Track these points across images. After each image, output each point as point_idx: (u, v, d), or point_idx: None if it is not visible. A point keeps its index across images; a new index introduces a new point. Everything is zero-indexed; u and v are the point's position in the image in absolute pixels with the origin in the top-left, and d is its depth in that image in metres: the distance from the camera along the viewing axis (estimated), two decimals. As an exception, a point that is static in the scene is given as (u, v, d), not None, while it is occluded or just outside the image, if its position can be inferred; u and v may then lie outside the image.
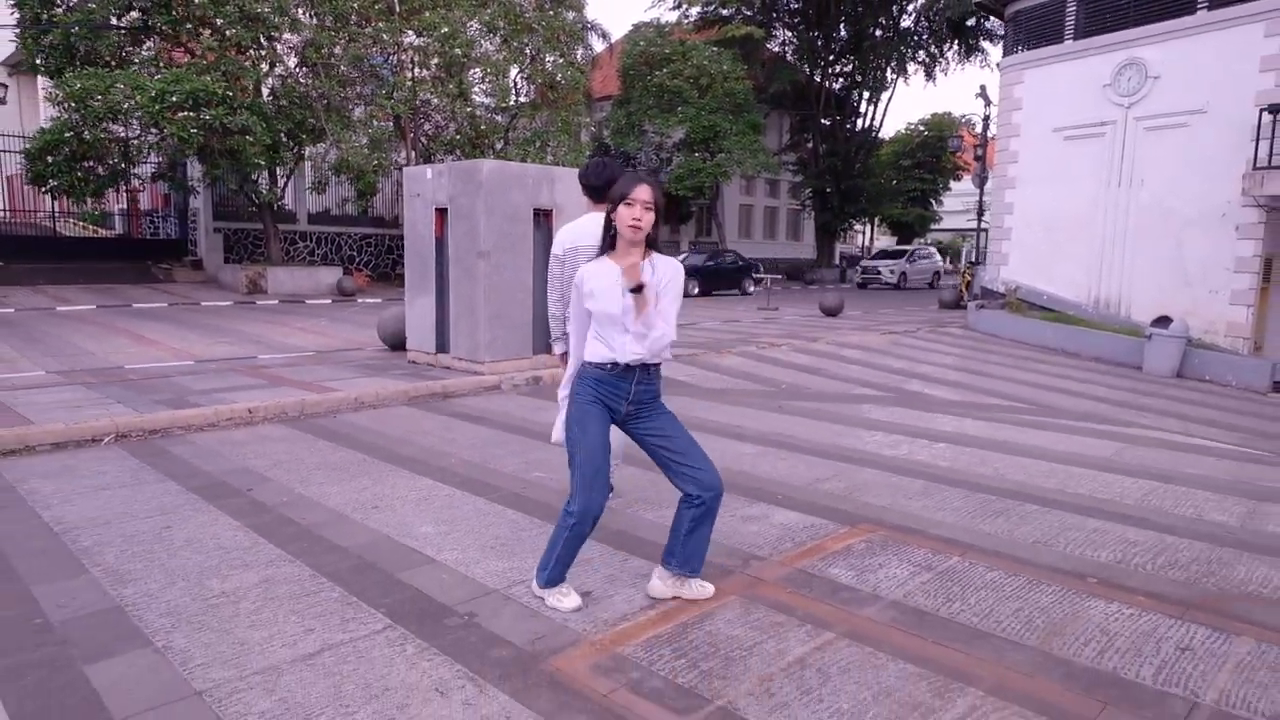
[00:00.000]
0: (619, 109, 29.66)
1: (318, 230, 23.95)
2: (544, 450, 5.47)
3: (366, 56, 19.02)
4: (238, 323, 12.86)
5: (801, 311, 18.28)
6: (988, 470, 5.21)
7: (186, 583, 3.21)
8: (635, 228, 2.82)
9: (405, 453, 5.34)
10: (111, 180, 17.12)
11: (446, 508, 4.20)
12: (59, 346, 9.77)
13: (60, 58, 16.43)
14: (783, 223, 41.99)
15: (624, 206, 2.83)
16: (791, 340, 11.88)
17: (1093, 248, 13.91)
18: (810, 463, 5.28)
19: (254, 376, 7.69)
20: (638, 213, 2.81)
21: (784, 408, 7.19)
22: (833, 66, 36.02)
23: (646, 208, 2.83)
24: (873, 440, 6.01)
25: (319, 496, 4.36)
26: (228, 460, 5.07)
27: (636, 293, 2.81)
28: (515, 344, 8.00)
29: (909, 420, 6.86)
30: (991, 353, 12.20)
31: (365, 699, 2.40)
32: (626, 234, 2.85)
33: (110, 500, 4.22)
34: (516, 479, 4.77)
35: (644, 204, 2.82)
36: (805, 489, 4.68)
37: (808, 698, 2.47)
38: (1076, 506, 4.48)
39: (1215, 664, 2.74)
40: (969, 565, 3.55)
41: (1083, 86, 13.82)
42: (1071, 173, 14.08)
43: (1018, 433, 6.47)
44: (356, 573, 3.34)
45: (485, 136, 20.74)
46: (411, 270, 8.63)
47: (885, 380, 9.13)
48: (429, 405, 6.94)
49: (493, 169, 7.63)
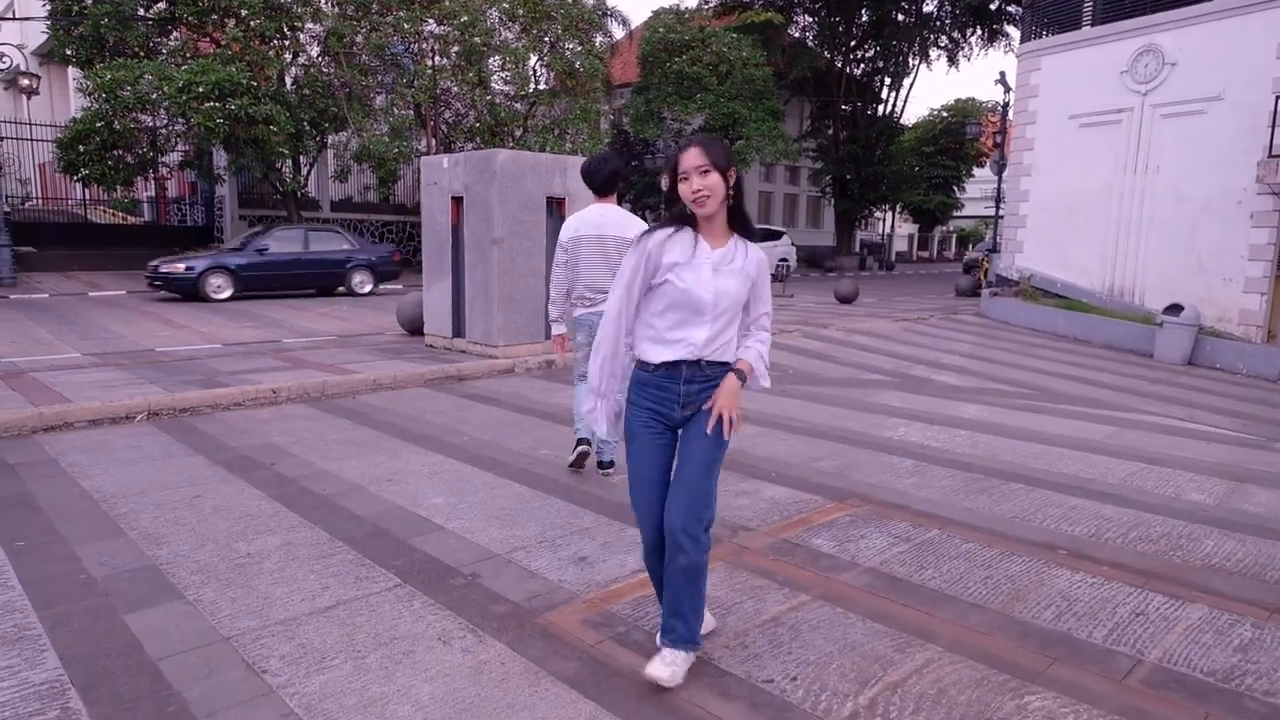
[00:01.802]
0: (638, 96, 29.74)
1: (340, 217, 24.33)
2: (552, 429, 5.72)
3: (388, 45, 19.30)
4: (263, 309, 13.22)
5: (817, 298, 18.38)
6: (979, 451, 5.39)
7: (215, 545, 3.49)
8: (700, 200, 2.38)
9: (420, 431, 5.60)
10: (140, 168, 17.57)
11: (457, 481, 4.46)
12: (93, 330, 10.15)
13: (90, 48, 16.87)
14: (802, 210, 41.92)
15: (680, 183, 2.40)
16: (803, 326, 12.03)
17: (1107, 235, 13.90)
18: (808, 443, 5.48)
19: (278, 359, 8.00)
20: (695, 184, 2.37)
21: (788, 392, 7.38)
22: (854, 52, 35.82)
23: (703, 172, 2.36)
24: (870, 422, 6.19)
25: (338, 470, 4.63)
26: (253, 436, 5.36)
27: None
28: (528, 328, 8.24)
29: (910, 404, 7.02)
30: (1002, 340, 12.28)
31: (374, 645, 2.66)
32: (697, 210, 2.41)
33: (144, 472, 4.52)
34: (524, 456, 5.02)
35: (699, 169, 2.36)
36: (799, 467, 4.89)
37: (778, 650, 2.69)
38: (1059, 485, 4.65)
39: (1166, 627, 2.93)
40: (946, 538, 3.75)
41: (1100, 73, 13.78)
42: (1087, 160, 14.06)
43: (1015, 416, 6.62)
44: (371, 538, 3.60)
45: (505, 124, 20.96)
46: (429, 257, 8.90)
47: (893, 366, 9.28)
48: (444, 387, 7.21)
49: (507, 158, 7.85)
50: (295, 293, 15.31)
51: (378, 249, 16.69)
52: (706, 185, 2.37)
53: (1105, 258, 13.94)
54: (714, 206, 2.40)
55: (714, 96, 28.04)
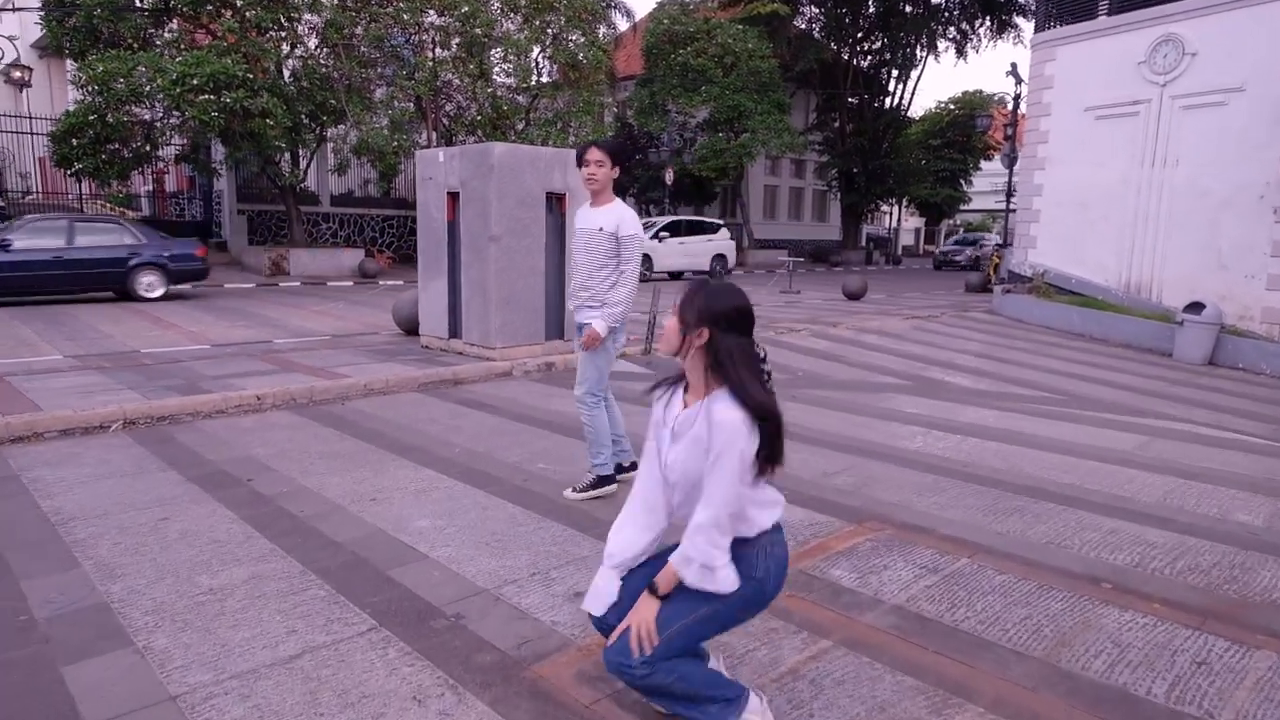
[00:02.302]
0: (642, 89, 29.36)
1: (340, 212, 24.04)
2: (550, 439, 5.40)
3: (387, 37, 18.94)
4: (257, 306, 12.93)
5: (824, 295, 18.03)
6: (1003, 464, 5.06)
7: (175, 579, 3.18)
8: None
9: (410, 441, 5.29)
10: (136, 163, 17.25)
11: (445, 500, 4.14)
12: (80, 330, 9.86)
13: (83, 40, 16.55)
14: (808, 204, 41.51)
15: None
16: (811, 325, 11.70)
17: (1124, 230, 13.51)
18: (821, 455, 5.16)
19: (267, 362, 7.69)
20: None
21: (798, 397, 7.05)
22: (861, 44, 35.37)
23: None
24: (887, 431, 5.86)
25: (319, 487, 4.32)
26: (232, 448, 5.05)
27: None
28: (527, 329, 7.92)
29: (927, 410, 6.70)
30: (1016, 339, 11.93)
31: (340, 707, 2.34)
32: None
33: (111, 490, 4.21)
34: (519, 470, 4.71)
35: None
36: (813, 483, 4.57)
37: (800, 711, 2.38)
38: (1094, 504, 4.32)
39: (1233, 681, 2.60)
40: (977, 568, 3.42)
41: (1117, 64, 13.37)
42: (1103, 153, 13.66)
43: (1037, 424, 6.28)
44: (347, 569, 3.29)
45: (506, 117, 20.60)
46: (425, 255, 8.58)
47: (905, 367, 8.95)
48: (438, 392, 6.90)
49: (504, 152, 7.52)
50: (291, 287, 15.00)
51: (172, 245, 13.61)
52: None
53: (1122, 253, 13.56)
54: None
55: (719, 89, 27.65)
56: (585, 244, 4.07)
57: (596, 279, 4.04)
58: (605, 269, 4.02)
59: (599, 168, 3.92)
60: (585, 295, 4.09)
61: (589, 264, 4.06)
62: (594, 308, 4.06)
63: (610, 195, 4.08)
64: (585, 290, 4.09)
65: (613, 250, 4.01)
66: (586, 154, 3.94)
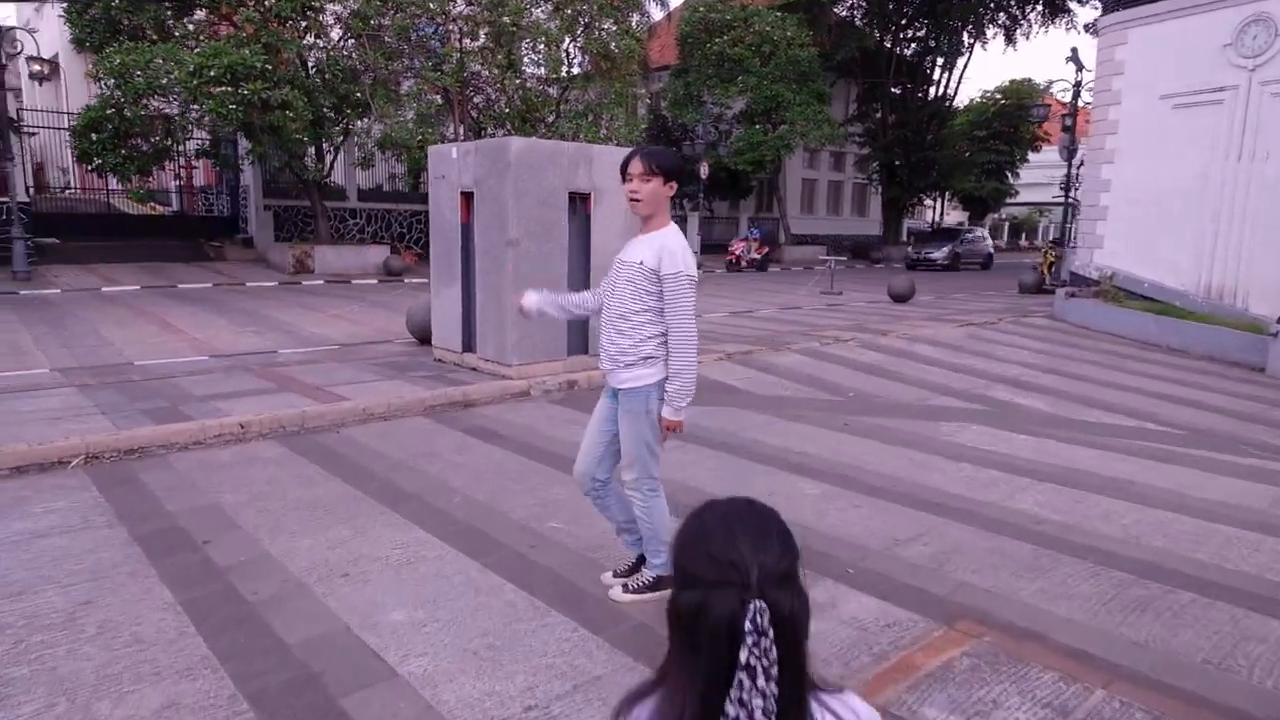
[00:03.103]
0: (676, 79, 28.45)
1: (368, 207, 23.53)
2: (565, 484, 4.62)
3: (413, 27, 18.30)
4: (274, 307, 12.35)
5: (868, 296, 17.05)
6: (1115, 529, 4.17)
7: (69, 705, 2.46)
8: None
9: (404, 485, 4.55)
10: (157, 157, 16.82)
11: (432, 578, 3.39)
12: (80, 335, 9.32)
13: (104, 32, 16.12)
14: (848, 198, 40.28)
15: None
16: (859, 333, 10.79)
17: (1204, 230, 12.36)
18: (886, 512, 4.32)
19: (263, 378, 7.02)
20: None
21: (851, 426, 6.20)
22: (904, 31, 34.05)
23: None
24: (960, 476, 4.99)
25: (285, 554, 3.60)
26: (198, 494, 4.35)
27: None
28: (547, 344, 7.16)
29: (1001, 445, 5.81)
30: (1085, 350, 10.90)
31: None
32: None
33: (40, 555, 3.53)
34: (526, 530, 3.94)
35: None
36: (882, 555, 3.73)
37: None
38: (1244, 594, 3.43)
39: None
40: (1120, 708, 2.57)
41: (1198, 47, 12.21)
42: (1181, 145, 12.51)
43: (1141, 468, 5.36)
44: (290, 693, 2.55)
45: (536, 109, 19.85)
46: (437, 260, 7.86)
47: (967, 386, 8.03)
48: (446, 417, 6.16)
49: (522, 147, 6.75)
50: (314, 285, 14.43)
51: None
52: None
53: (1201, 255, 12.42)
54: None
55: (756, 79, 26.65)
56: (621, 282, 3.04)
57: (630, 328, 3.01)
58: (642, 316, 2.99)
59: (642, 183, 2.94)
60: (614, 350, 3.06)
61: (621, 308, 3.03)
62: (628, 366, 3.04)
63: (664, 219, 3.05)
64: (614, 345, 3.06)
65: (654, 292, 2.98)
66: (627, 166, 2.98)
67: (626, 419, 3.09)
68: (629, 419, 3.08)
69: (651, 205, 2.98)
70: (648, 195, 2.96)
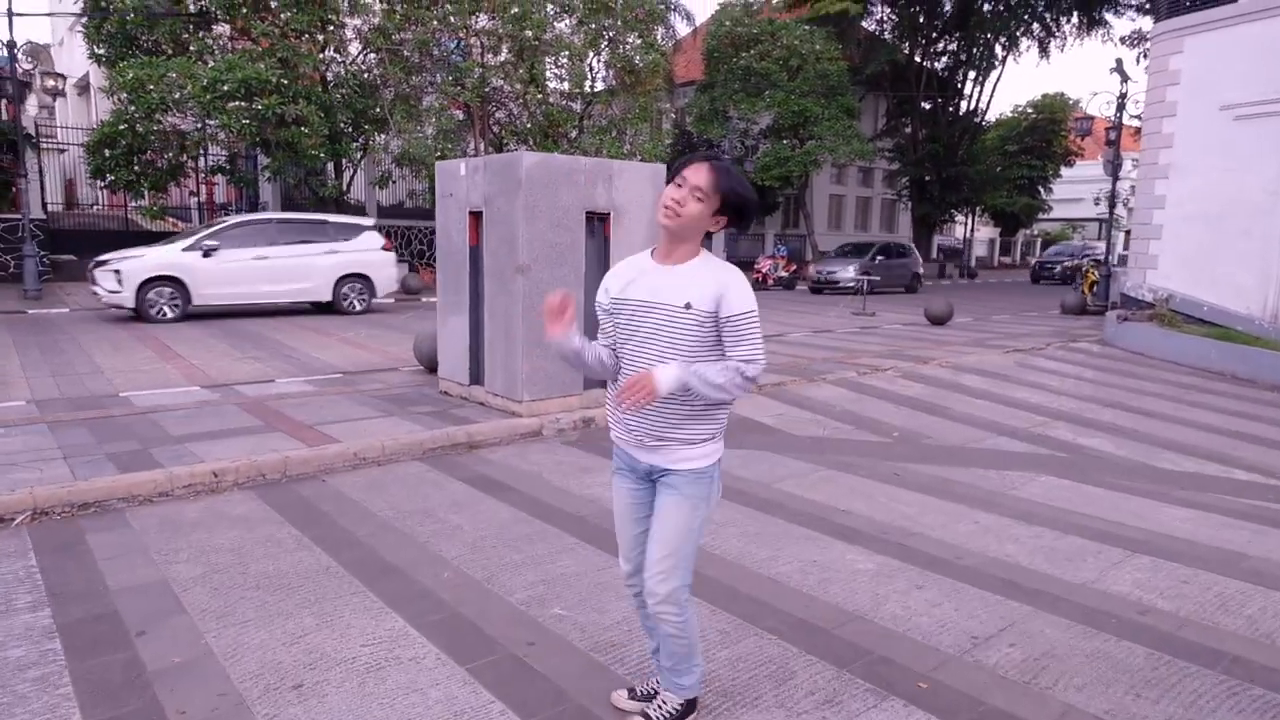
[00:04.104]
0: (702, 94, 27.94)
1: (387, 224, 23.10)
2: (575, 552, 3.97)
3: (434, 42, 17.93)
4: (279, 330, 11.86)
5: (903, 318, 16.27)
6: (1239, 623, 3.43)
7: None
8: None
9: (387, 554, 3.92)
10: (171, 174, 16.52)
11: (403, 694, 2.73)
12: (72, 361, 8.85)
13: (119, 47, 15.88)
14: (876, 214, 39.51)
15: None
16: (899, 361, 10.05)
17: (1270, 249, 11.48)
18: (957, 595, 3.61)
19: (251, 414, 6.45)
20: None
21: (903, 475, 5.49)
22: (935, 44, 33.37)
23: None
24: (1039, 546, 4.26)
25: (229, 652, 2.97)
26: (147, 564, 3.75)
27: None
28: (562, 378, 6.52)
29: (1076, 500, 5.06)
30: (1144, 380, 10.07)
31: None
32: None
33: (-63, 652, 2.93)
34: (525, 621, 3.28)
35: None
36: (960, 662, 3.02)
37: None
38: None
39: None
40: None
41: (1264, 54, 11.37)
42: (1245, 158, 11.65)
43: (1250, 535, 4.58)
44: None
45: (559, 125, 19.39)
46: (444, 285, 7.28)
47: (1025, 424, 7.27)
48: (447, 462, 5.53)
49: (534, 163, 6.14)
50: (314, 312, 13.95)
51: None
52: None
53: (1269, 277, 11.52)
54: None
55: (783, 94, 26.07)
56: (659, 331, 2.25)
57: (688, 395, 2.24)
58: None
59: (694, 200, 2.18)
60: (660, 421, 2.27)
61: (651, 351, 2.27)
62: (687, 444, 2.30)
63: (695, 247, 2.28)
64: (660, 414, 2.26)
65: (710, 341, 2.25)
66: (685, 170, 2.21)
67: (681, 507, 2.32)
68: (686, 507, 2.32)
69: (688, 230, 2.22)
70: (690, 217, 2.19)
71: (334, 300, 13.91)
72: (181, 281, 12.39)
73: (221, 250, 12.66)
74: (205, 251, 12.54)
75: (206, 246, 12.59)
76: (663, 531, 2.34)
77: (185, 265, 12.46)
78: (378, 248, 14.54)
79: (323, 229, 14.04)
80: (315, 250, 13.64)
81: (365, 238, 14.44)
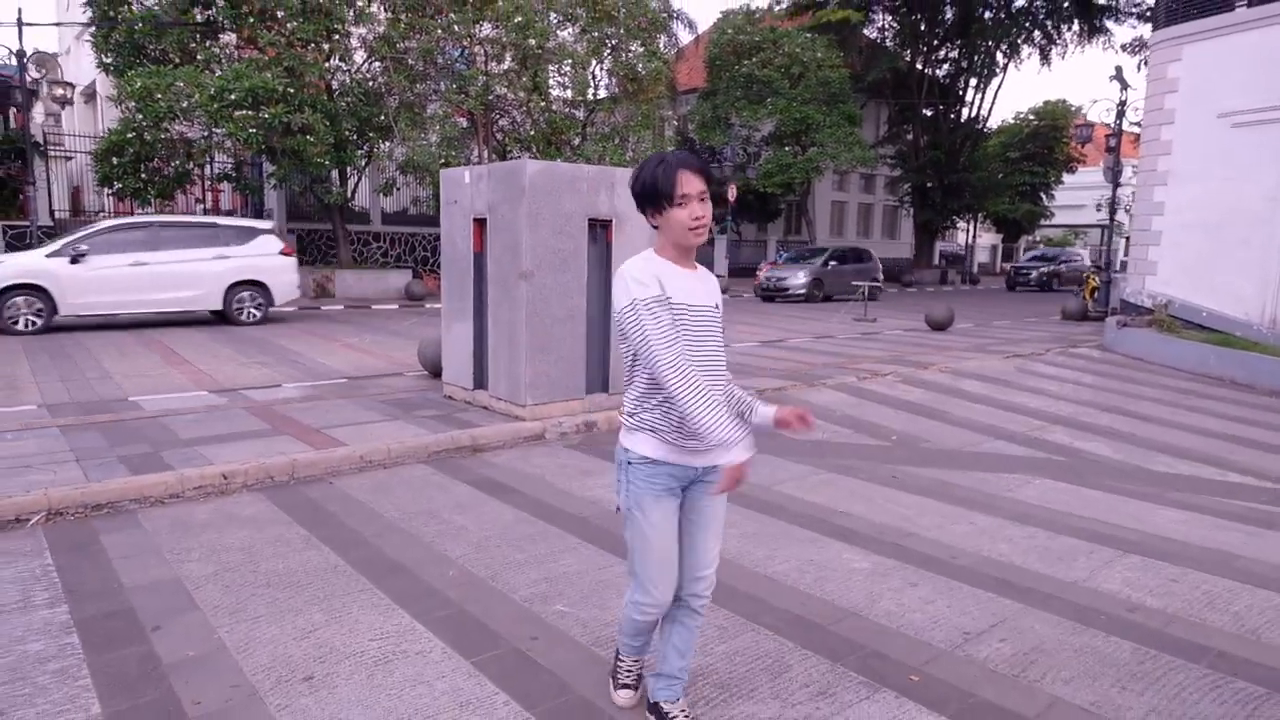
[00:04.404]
0: (704, 101, 28.12)
1: (391, 231, 23.32)
2: (578, 552, 4.06)
3: (437, 50, 18.09)
4: (286, 336, 11.98)
5: (904, 323, 16.36)
6: (1225, 620, 3.51)
7: None
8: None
9: (394, 553, 4.01)
10: (178, 181, 16.67)
11: (410, 686, 2.82)
12: (81, 366, 8.97)
13: (127, 56, 16.06)
14: (878, 220, 39.61)
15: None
16: (898, 366, 10.13)
17: (1269, 256, 11.56)
18: (950, 593, 3.69)
19: (259, 418, 6.55)
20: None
21: (900, 478, 5.57)
22: (936, 52, 33.54)
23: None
24: (1033, 546, 4.34)
25: (242, 646, 3.06)
26: (160, 563, 3.84)
27: None
28: (565, 383, 6.62)
29: (1072, 502, 5.14)
30: (1143, 384, 10.15)
31: None
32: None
33: (-41, 646, 3.03)
34: (528, 617, 3.37)
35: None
36: (952, 656, 3.11)
37: None
38: None
39: None
40: None
41: (1261, 62, 11.48)
42: (1244, 166, 11.75)
43: (1241, 536, 4.66)
44: None
45: (562, 132, 19.53)
46: (448, 291, 7.38)
47: (1023, 428, 7.36)
48: (451, 464, 5.63)
49: (538, 171, 6.26)
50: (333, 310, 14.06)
51: None
52: None
53: (1268, 283, 11.61)
54: None
55: (785, 101, 26.23)
56: (715, 333, 2.35)
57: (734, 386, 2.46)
58: None
59: (705, 206, 2.27)
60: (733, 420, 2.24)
61: (724, 364, 2.40)
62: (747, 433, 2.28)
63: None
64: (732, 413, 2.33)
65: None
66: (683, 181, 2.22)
67: (724, 500, 2.42)
68: (724, 498, 2.41)
69: None
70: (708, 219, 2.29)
71: (225, 309, 12.87)
72: (45, 290, 11.35)
73: (92, 256, 11.56)
74: (73, 257, 11.45)
75: (74, 252, 11.48)
76: (717, 525, 2.44)
77: (49, 272, 11.38)
78: (275, 252, 13.36)
79: (212, 233, 12.94)
80: (202, 255, 12.53)
81: (260, 241, 13.21)
